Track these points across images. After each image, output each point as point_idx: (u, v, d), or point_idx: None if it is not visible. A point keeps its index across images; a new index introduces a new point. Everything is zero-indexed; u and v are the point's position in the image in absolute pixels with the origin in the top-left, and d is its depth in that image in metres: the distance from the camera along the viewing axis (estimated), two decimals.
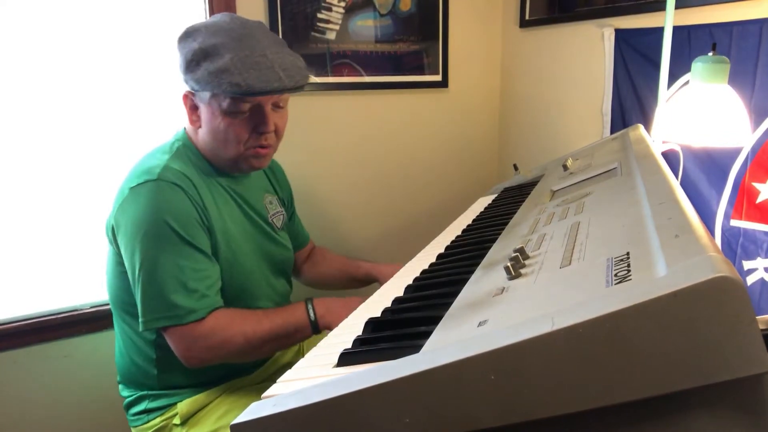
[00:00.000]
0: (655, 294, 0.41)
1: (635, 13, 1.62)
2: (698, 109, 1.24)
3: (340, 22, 1.81)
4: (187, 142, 1.17)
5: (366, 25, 1.86)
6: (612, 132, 1.70)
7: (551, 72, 1.97)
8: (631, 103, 1.65)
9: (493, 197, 1.51)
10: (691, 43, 1.44)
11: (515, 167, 1.66)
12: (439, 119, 2.10)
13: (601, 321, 0.41)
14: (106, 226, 1.13)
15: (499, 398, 0.45)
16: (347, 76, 1.86)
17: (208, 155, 1.16)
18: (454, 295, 0.72)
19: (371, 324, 0.73)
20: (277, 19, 1.70)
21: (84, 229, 1.53)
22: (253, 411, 0.52)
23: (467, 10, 2.06)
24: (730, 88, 1.24)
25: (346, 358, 0.63)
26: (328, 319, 1.11)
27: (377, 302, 0.86)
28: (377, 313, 0.78)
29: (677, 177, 1.52)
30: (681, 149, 1.51)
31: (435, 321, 0.64)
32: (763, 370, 0.40)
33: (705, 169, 1.46)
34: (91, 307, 1.58)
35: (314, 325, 1.11)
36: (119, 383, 1.25)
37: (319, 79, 1.80)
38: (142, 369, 1.17)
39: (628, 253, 0.55)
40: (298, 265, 1.50)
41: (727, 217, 1.43)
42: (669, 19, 1.35)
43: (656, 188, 0.72)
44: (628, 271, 0.50)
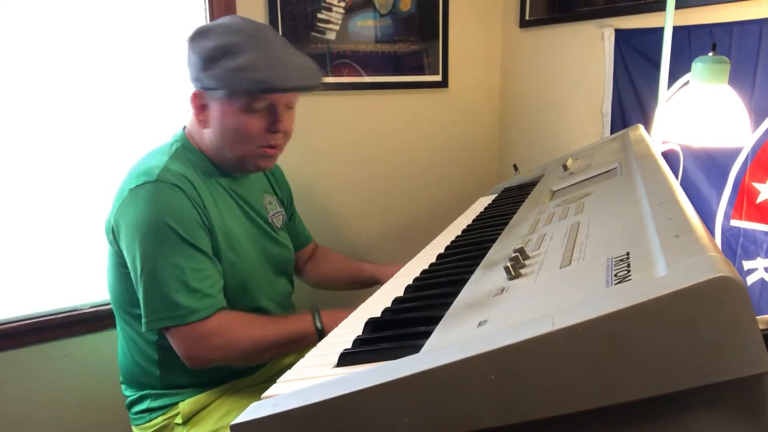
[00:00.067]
0: (655, 294, 0.41)
1: (635, 13, 1.62)
2: (698, 109, 1.24)
3: (340, 22, 1.81)
4: (187, 142, 1.16)
5: (366, 25, 1.86)
6: (612, 132, 1.70)
7: (551, 72, 1.97)
8: (631, 103, 1.65)
9: (493, 197, 1.51)
10: (691, 43, 1.44)
11: (515, 167, 1.66)
12: (439, 119, 2.10)
13: (601, 321, 0.41)
14: (106, 227, 1.13)
15: (499, 398, 0.45)
16: (347, 76, 1.86)
17: (212, 155, 1.16)
18: (454, 295, 0.72)
19: (371, 324, 0.73)
20: (277, 19, 1.70)
21: (84, 229, 1.53)
22: (253, 411, 0.52)
23: (467, 10, 2.06)
24: (730, 88, 1.24)
25: (346, 358, 0.63)
26: (334, 327, 1.11)
27: (377, 302, 0.86)
28: (377, 313, 0.78)
29: (677, 177, 1.52)
30: (681, 149, 1.51)
31: (435, 321, 0.64)
32: (763, 370, 0.40)
33: (705, 169, 1.46)
34: (91, 307, 1.58)
35: (320, 334, 1.11)
36: (122, 383, 1.25)
37: None
38: (144, 369, 1.17)
39: (628, 253, 0.55)
40: (300, 265, 1.50)
41: (727, 217, 1.43)
42: (669, 19, 1.35)
43: (656, 188, 0.72)
44: (628, 271, 0.50)
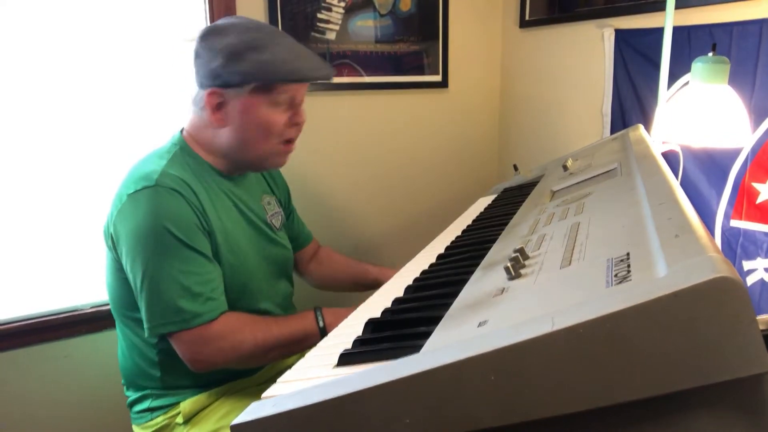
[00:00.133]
0: (656, 294, 0.41)
1: (635, 13, 1.62)
2: (698, 110, 1.24)
3: (340, 22, 1.81)
4: (185, 145, 1.15)
5: (366, 26, 1.86)
6: (612, 132, 1.70)
7: (551, 72, 1.97)
8: (631, 103, 1.65)
9: (493, 197, 1.51)
10: (691, 43, 1.44)
11: (515, 167, 1.66)
12: (439, 119, 2.10)
13: (602, 321, 0.41)
14: (104, 232, 1.12)
15: (499, 398, 0.45)
16: (347, 76, 1.86)
17: (222, 155, 1.15)
18: (454, 295, 0.71)
19: (371, 324, 0.73)
20: (277, 19, 1.70)
21: (84, 229, 1.53)
22: (253, 411, 0.52)
23: (467, 10, 2.06)
24: (730, 88, 1.24)
25: (346, 359, 0.63)
26: (337, 326, 1.11)
27: (377, 302, 0.86)
28: (377, 314, 0.78)
29: (677, 177, 1.51)
30: (681, 149, 1.51)
31: (435, 321, 0.64)
32: (763, 370, 0.40)
33: (705, 170, 1.46)
34: (91, 307, 1.58)
35: (323, 332, 1.11)
36: (123, 384, 1.25)
37: None
38: (144, 371, 1.17)
39: (628, 254, 0.55)
40: (302, 265, 1.50)
41: (727, 217, 1.43)
42: (669, 19, 1.35)
43: (656, 188, 0.72)
44: (628, 271, 0.50)
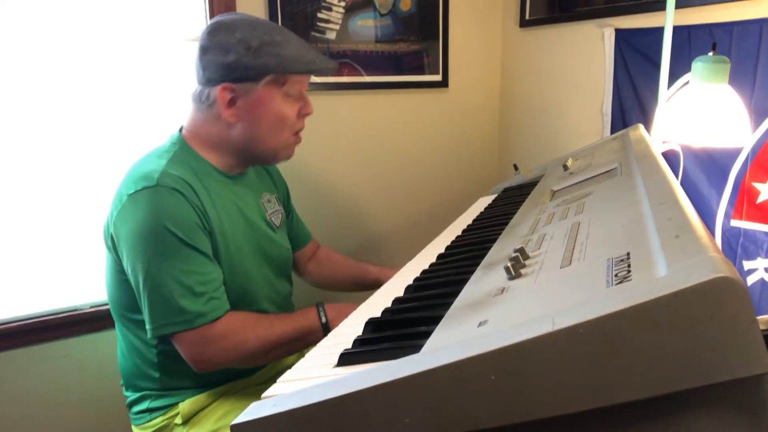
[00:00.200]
0: (656, 294, 0.41)
1: (635, 13, 1.62)
2: (698, 109, 1.24)
3: (340, 22, 1.81)
4: (185, 144, 1.15)
5: (366, 25, 1.86)
6: (612, 132, 1.70)
7: (551, 72, 1.96)
8: (631, 103, 1.65)
9: (493, 197, 1.51)
10: (691, 43, 1.44)
11: (515, 167, 1.66)
12: (439, 119, 2.10)
13: (602, 321, 0.41)
14: (104, 233, 1.12)
15: (499, 398, 0.45)
16: (347, 76, 1.86)
17: (233, 150, 1.15)
18: (454, 295, 0.72)
19: (371, 324, 0.73)
20: (278, 18, 1.70)
21: (83, 229, 1.53)
22: (253, 411, 0.52)
23: (467, 10, 2.06)
24: (730, 88, 1.24)
25: (347, 358, 0.63)
26: (339, 322, 1.11)
27: (377, 302, 0.86)
28: (377, 313, 0.78)
29: (677, 177, 1.51)
30: (681, 149, 1.51)
31: (435, 321, 0.64)
32: (764, 370, 0.40)
33: (705, 169, 1.46)
34: (91, 307, 1.57)
35: (326, 328, 1.11)
36: (122, 384, 1.25)
37: (319, 79, 1.80)
38: (143, 372, 1.17)
39: (628, 254, 0.55)
40: (302, 265, 1.50)
41: (727, 217, 1.43)
42: (669, 19, 1.35)
43: (656, 188, 0.72)
44: (629, 271, 0.50)
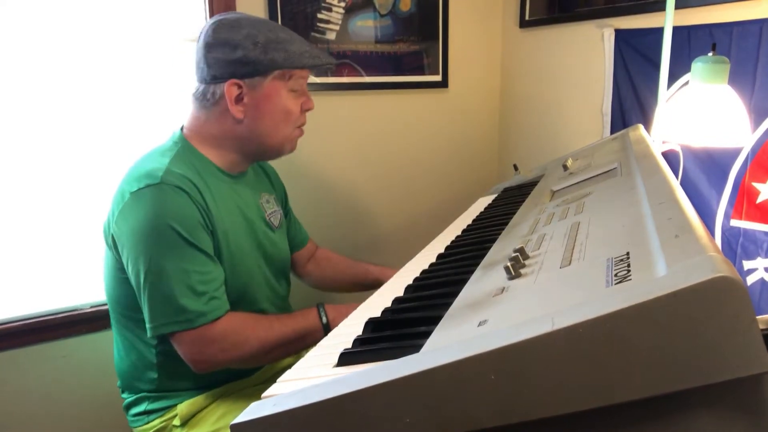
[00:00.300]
0: (655, 294, 0.40)
1: (635, 13, 1.62)
2: (698, 109, 1.24)
3: (340, 22, 1.81)
4: (187, 143, 1.15)
5: (366, 26, 1.86)
6: (612, 132, 1.70)
7: (551, 72, 1.96)
8: (631, 103, 1.65)
9: (493, 197, 1.51)
10: (691, 43, 1.44)
11: (515, 167, 1.66)
12: (439, 119, 2.10)
13: (602, 321, 0.41)
14: (105, 231, 1.11)
15: (499, 398, 0.45)
16: (347, 76, 1.86)
17: (237, 146, 1.16)
18: (454, 295, 0.71)
19: (371, 324, 0.73)
20: (278, 19, 1.70)
21: (83, 229, 1.52)
22: (253, 411, 0.52)
23: (467, 10, 2.06)
24: (730, 88, 1.24)
25: (346, 358, 0.63)
26: (340, 322, 1.11)
27: (377, 302, 0.86)
28: (377, 313, 0.78)
29: (677, 177, 1.51)
30: (681, 149, 1.51)
31: (435, 321, 0.64)
32: (763, 370, 0.40)
33: (705, 169, 1.46)
34: (91, 307, 1.57)
35: (326, 328, 1.11)
36: (119, 386, 1.24)
37: (319, 80, 1.80)
38: (142, 373, 1.16)
39: (628, 253, 0.55)
40: (301, 266, 1.49)
41: (727, 217, 1.43)
42: (669, 19, 1.35)
43: (656, 188, 0.72)
44: (628, 271, 0.50)
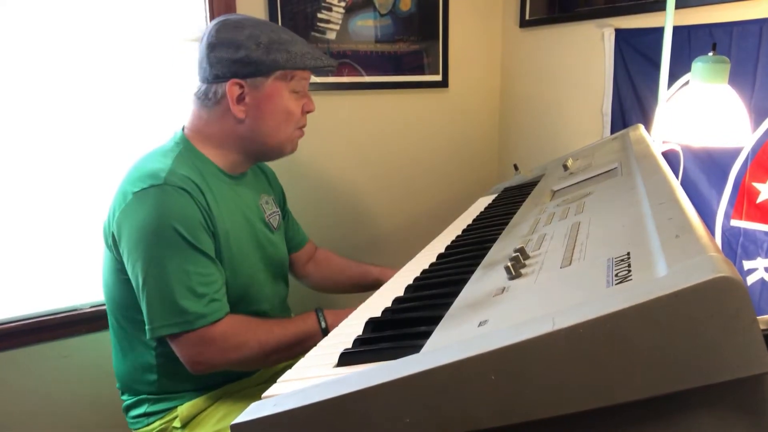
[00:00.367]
0: (656, 294, 0.40)
1: (635, 13, 1.62)
2: (698, 109, 1.24)
3: (340, 22, 1.81)
4: (189, 144, 1.14)
5: (366, 25, 1.86)
6: (612, 132, 1.70)
7: (551, 72, 1.96)
8: (631, 103, 1.65)
9: (493, 197, 1.51)
10: (691, 43, 1.44)
11: (515, 167, 1.66)
12: (439, 119, 2.10)
13: (602, 321, 0.41)
14: (105, 231, 1.11)
15: (499, 398, 0.45)
16: (347, 76, 1.86)
17: (239, 146, 1.16)
18: (455, 295, 0.72)
19: (371, 324, 0.73)
20: (278, 18, 1.70)
21: (83, 229, 1.52)
22: (253, 411, 0.52)
23: (467, 10, 2.06)
24: (730, 88, 1.24)
25: (346, 358, 0.63)
26: None
27: (377, 302, 0.86)
28: (377, 313, 0.78)
29: (677, 177, 1.51)
30: (681, 149, 1.51)
31: (435, 321, 0.64)
32: (764, 370, 0.40)
33: (705, 169, 1.46)
34: (91, 307, 1.57)
35: (325, 333, 1.11)
36: (118, 388, 1.24)
37: (319, 79, 1.80)
38: (141, 375, 1.16)
39: (628, 253, 0.55)
40: (300, 267, 1.49)
41: (727, 217, 1.43)
42: (669, 19, 1.35)
43: (656, 188, 0.72)
44: (629, 271, 0.50)
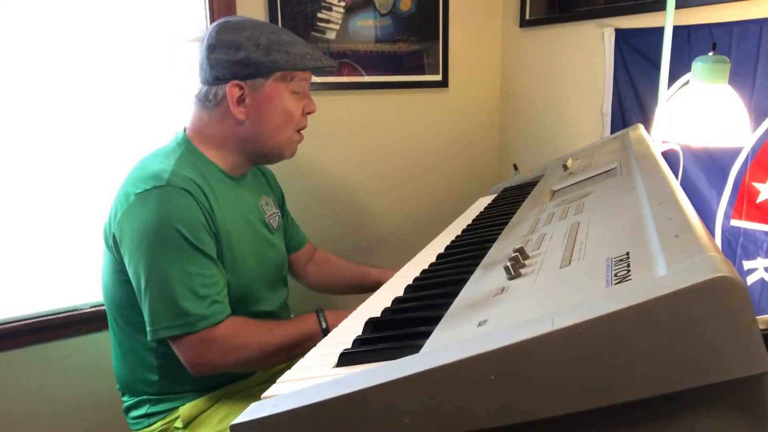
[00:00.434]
0: (655, 294, 0.40)
1: (635, 13, 1.62)
2: (698, 109, 1.24)
3: (340, 21, 1.81)
4: (190, 145, 1.14)
5: (366, 25, 1.86)
6: (612, 132, 1.70)
7: (551, 72, 1.96)
8: (631, 103, 1.65)
9: (493, 197, 1.51)
10: (691, 43, 1.44)
11: (515, 167, 1.66)
12: (439, 119, 2.10)
13: (601, 321, 0.41)
14: (105, 232, 1.11)
15: (499, 398, 0.45)
16: (347, 76, 1.86)
17: (239, 148, 1.16)
18: (454, 295, 0.71)
19: (371, 324, 0.73)
20: (278, 18, 1.70)
21: (83, 229, 1.52)
22: (253, 411, 0.52)
23: (467, 10, 2.06)
24: (730, 88, 1.24)
25: (346, 358, 0.63)
26: None
27: (377, 302, 0.86)
28: (377, 313, 0.78)
29: (677, 177, 1.51)
30: (681, 149, 1.51)
31: (435, 321, 0.64)
32: (763, 370, 0.40)
33: (705, 169, 1.46)
34: (91, 307, 1.57)
35: (326, 334, 1.10)
36: (118, 389, 1.23)
37: (319, 79, 1.80)
38: (142, 376, 1.16)
39: (628, 253, 0.55)
40: (299, 268, 1.49)
41: (727, 217, 1.42)
42: (669, 19, 1.35)
43: (656, 188, 0.72)
44: (628, 271, 0.50)
